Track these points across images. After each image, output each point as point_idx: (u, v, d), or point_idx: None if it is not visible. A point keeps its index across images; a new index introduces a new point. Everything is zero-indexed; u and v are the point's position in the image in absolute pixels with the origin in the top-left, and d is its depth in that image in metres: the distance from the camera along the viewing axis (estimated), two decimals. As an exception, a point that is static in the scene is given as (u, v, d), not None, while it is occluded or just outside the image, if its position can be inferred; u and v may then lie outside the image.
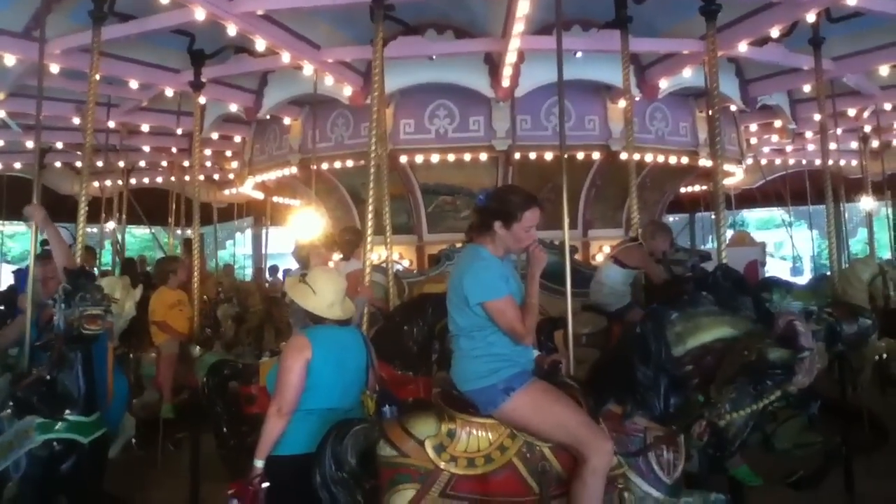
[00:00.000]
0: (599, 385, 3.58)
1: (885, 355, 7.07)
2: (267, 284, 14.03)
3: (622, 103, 9.49)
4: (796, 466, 5.22)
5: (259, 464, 3.49)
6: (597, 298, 6.71)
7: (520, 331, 3.42)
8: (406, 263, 10.50)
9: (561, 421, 3.35)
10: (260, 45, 7.46)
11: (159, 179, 15.88)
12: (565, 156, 5.03)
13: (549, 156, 9.67)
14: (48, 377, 4.06)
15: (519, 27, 6.94)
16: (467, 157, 9.90)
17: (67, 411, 4.05)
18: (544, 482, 3.39)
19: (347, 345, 3.77)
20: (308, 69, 8.45)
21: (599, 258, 10.17)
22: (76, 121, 10.20)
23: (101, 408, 4.30)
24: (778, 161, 16.38)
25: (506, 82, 8.77)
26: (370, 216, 5.92)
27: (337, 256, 7.32)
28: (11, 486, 3.95)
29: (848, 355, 6.37)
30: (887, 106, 11.20)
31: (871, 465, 5.74)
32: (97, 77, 6.35)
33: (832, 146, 10.92)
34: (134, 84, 9.07)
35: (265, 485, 3.45)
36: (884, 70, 9.23)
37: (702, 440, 3.47)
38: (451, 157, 9.90)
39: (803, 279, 13.50)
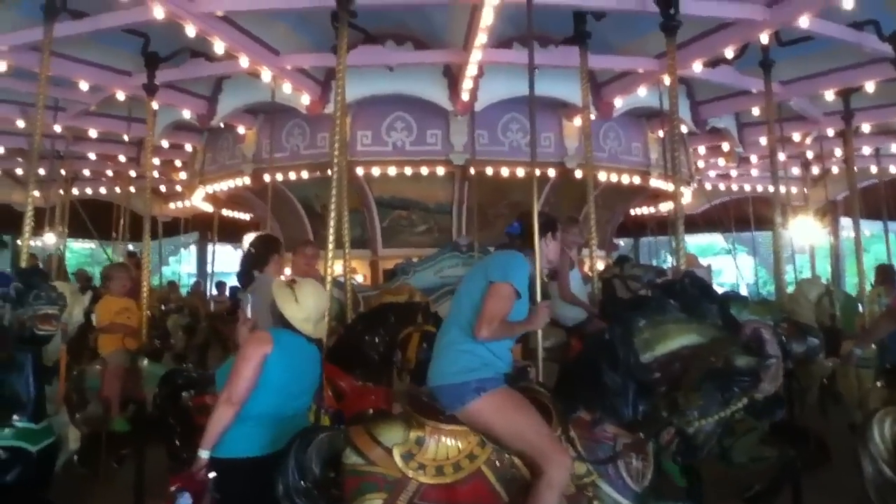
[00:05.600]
0: (569, 392, 3.55)
1: (827, 377, 7.24)
2: (211, 302, 13.59)
3: (577, 121, 9.66)
4: (752, 480, 5.27)
5: (204, 454, 3.37)
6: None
7: (491, 322, 3.41)
8: (360, 278, 10.39)
9: (522, 429, 3.33)
10: (219, 47, 7.30)
11: (102, 190, 15.43)
12: (519, 171, 5.00)
13: (505, 171, 9.72)
14: None
15: (482, 38, 6.97)
16: (424, 170, 9.91)
17: (15, 417, 3.83)
18: (513, 491, 3.33)
19: (306, 356, 3.71)
20: (266, 75, 8.32)
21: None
22: (20, 123, 9.83)
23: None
24: (722, 186, 16.79)
25: (465, 95, 8.80)
26: (331, 228, 5.76)
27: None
28: (-48, 497, 3.72)
29: (796, 374, 6.50)
30: (830, 132, 11.58)
31: (819, 483, 5.85)
32: (47, 77, 6.14)
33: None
34: (84, 86, 8.79)
35: (212, 475, 3.34)
36: (828, 95, 9.53)
37: (670, 447, 3.47)
38: (408, 171, 9.89)
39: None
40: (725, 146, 12.64)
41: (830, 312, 7.68)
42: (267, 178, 9.83)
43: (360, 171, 9.85)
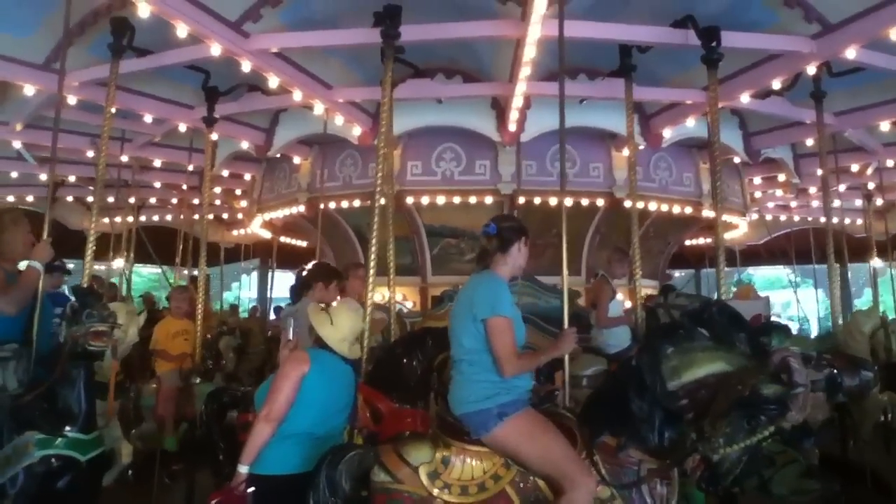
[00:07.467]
0: (595, 417, 3.59)
1: (888, 411, 7.00)
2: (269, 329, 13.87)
3: (626, 151, 9.68)
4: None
5: (243, 469, 3.46)
6: (596, 343, 6.82)
7: (510, 359, 3.44)
8: (409, 305, 10.53)
9: (547, 452, 3.37)
10: (273, 82, 7.62)
11: (168, 217, 16.02)
12: (568, 201, 5.08)
13: (553, 201, 9.75)
14: (50, 393, 4.07)
15: (525, 71, 7.10)
16: (473, 199, 10.03)
17: (67, 428, 4.05)
18: (537, 512, 3.38)
19: (341, 376, 3.84)
20: (319, 108, 8.60)
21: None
22: (90, 154, 10.36)
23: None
24: (783, 217, 16.45)
25: (512, 127, 8.92)
26: (373, 255, 5.93)
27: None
28: (7, 502, 3.94)
29: (849, 408, 6.33)
30: (889, 163, 11.30)
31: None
32: (113, 110, 6.51)
33: (835, 203, 10.95)
34: (148, 118, 9.23)
35: (251, 490, 3.42)
36: (885, 126, 9.34)
37: (695, 474, 3.47)
38: (456, 200, 10.04)
39: (809, 341, 13.35)
40: (782, 177, 12.43)
41: (886, 346, 7.46)
42: (321, 206, 10.11)
43: (409, 200, 10.05)
